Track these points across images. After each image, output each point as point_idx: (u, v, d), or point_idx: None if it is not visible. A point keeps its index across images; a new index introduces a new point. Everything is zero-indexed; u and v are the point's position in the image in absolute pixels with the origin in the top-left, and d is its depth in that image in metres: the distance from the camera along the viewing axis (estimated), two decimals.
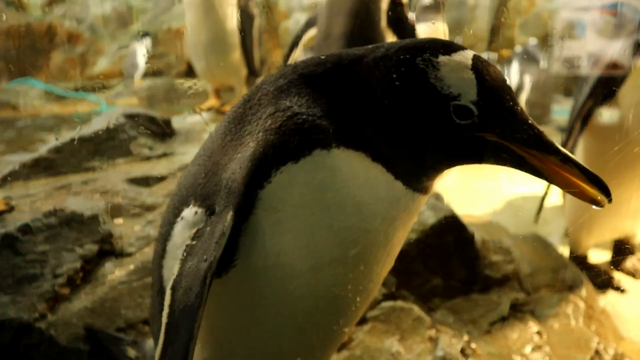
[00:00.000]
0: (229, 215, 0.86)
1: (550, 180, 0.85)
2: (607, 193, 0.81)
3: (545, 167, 0.84)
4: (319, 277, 0.92)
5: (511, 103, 0.85)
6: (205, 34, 3.10)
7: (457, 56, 0.86)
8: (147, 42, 6.06)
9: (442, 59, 0.86)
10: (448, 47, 0.88)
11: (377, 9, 2.78)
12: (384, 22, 2.78)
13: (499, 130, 0.85)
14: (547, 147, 0.84)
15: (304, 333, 1.02)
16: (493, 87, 0.85)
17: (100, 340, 1.62)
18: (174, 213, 1.02)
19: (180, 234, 0.97)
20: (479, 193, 3.68)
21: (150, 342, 1.46)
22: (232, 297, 0.97)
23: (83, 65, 8.18)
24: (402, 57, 0.88)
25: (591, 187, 0.82)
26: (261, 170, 0.87)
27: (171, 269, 0.93)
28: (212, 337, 1.04)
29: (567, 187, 0.84)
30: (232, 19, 3.07)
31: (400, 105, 0.88)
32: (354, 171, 0.89)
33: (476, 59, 0.87)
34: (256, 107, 0.95)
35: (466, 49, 0.89)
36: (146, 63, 5.90)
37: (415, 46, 0.89)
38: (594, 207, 0.82)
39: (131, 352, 1.51)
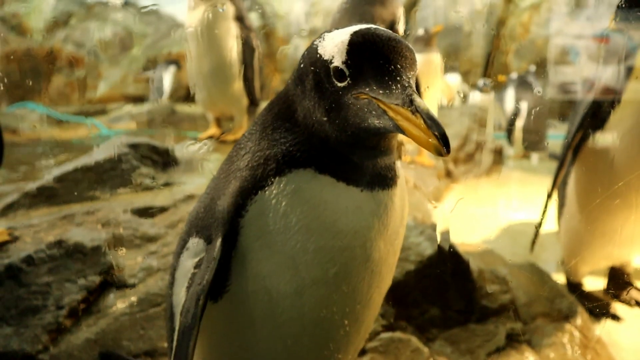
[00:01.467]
0: (218, 242, 0.97)
1: (404, 132, 0.84)
2: (445, 143, 0.79)
3: (398, 118, 0.83)
4: (304, 300, 0.97)
5: (381, 62, 0.86)
6: (208, 64, 3.17)
7: (347, 29, 0.93)
8: (173, 68, 6.58)
9: (331, 33, 0.96)
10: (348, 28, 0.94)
11: None
12: None
13: (367, 89, 0.87)
14: (403, 100, 0.83)
15: (296, 356, 1.05)
16: (363, 48, 0.88)
17: None
18: (181, 244, 1.12)
19: (186, 263, 1.06)
20: (476, 220, 3.71)
21: None
22: (226, 321, 1.03)
23: (83, 89, 8.26)
24: (307, 49, 0.99)
25: (431, 137, 0.80)
26: (239, 201, 0.98)
27: (179, 295, 1.05)
28: (212, 359, 1.10)
29: (416, 139, 0.83)
30: (233, 50, 3.14)
31: (308, 85, 0.96)
32: (311, 190, 0.96)
33: (365, 28, 0.91)
34: (238, 149, 1.08)
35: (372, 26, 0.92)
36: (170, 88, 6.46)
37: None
38: (437, 155, 0.81)
39: None
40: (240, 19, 3.16)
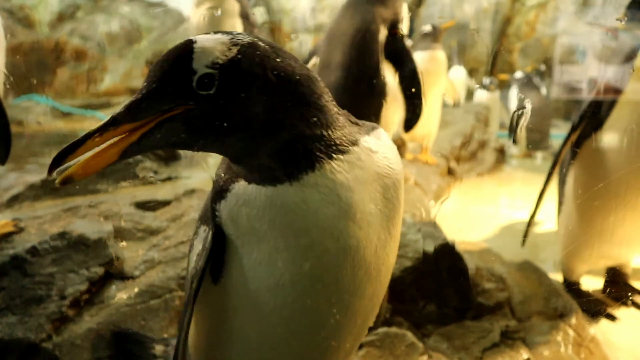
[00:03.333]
0: (210, 235, 1.01)
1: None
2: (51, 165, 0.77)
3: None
4: (286, 291, 0.98)
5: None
6: None
7: None
8: None
9: None
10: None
11: (375, 40, 2.87)
12: (381, 53, 2.87)
13: None
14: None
15: (287, 342, 1.07)
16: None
17: (125, 342, 1.67)
18: (195, 230, 1.18)
19: (196, 247, 1.10)
20: (477, 218, 3.74)
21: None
22: (222, 302, 1.07)
23: (89, 82, 8.30)
24: None
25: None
26: (213, 205, 1.02)
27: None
28: (210, 340, 1.15)
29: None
30: None
31: None
32: (254, 201, 0.95)
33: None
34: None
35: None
36: None
37: None
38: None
39: (158, 349, 1.58)
40: (245, 16, 3.18)
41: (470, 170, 4.93)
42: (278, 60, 0.86)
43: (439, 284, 2.03)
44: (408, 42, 2.91)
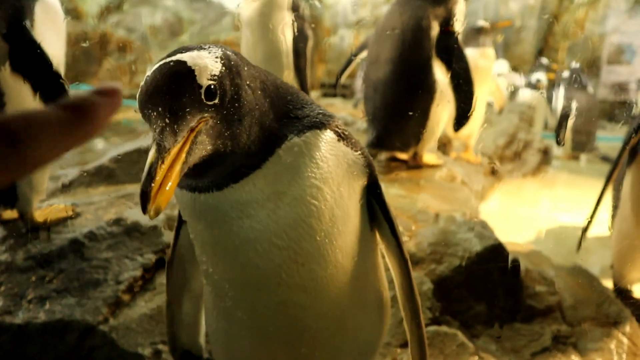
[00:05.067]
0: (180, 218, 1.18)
1: None
2: (142, 200, 0.79)
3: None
4: (227, 263, 1.05)
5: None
6: (261, 52, 3.21)
7: None
8: None
9: None
10: None
11: (426, 37, 2.84)
12: (432, 49, 2.84)
13: None
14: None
15: (256, 322, 1.11)
16: None
17: None
18: None
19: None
20: (520, 220, 3.67)
21: None
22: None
23: (132, 73, 8.48)
24: None
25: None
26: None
27: None
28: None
29: None
30: (287, 39, 3.17)
31: None
32: (183, 206, 1.05)
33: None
34: None
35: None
36: None
37: None
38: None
39: None
40: (295, 8, 3.19)
41: (513, 171, 4.84)
42: (244, 65, 0.96)
43: (489, 285, 2.00)
44: (460, 40, 2.87)
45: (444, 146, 4.10)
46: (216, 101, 0.86)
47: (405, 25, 2.83)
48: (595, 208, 2.32)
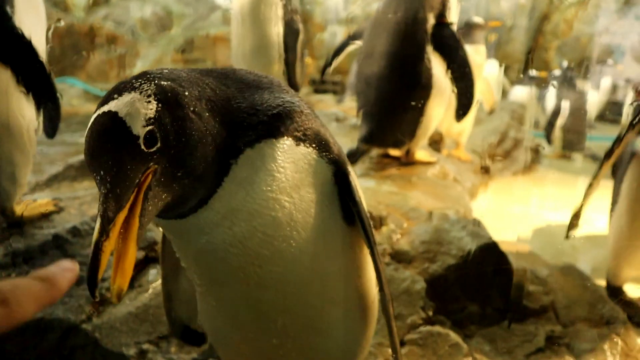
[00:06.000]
0: None
1: None
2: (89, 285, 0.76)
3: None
4: (190, 264, 1.06)
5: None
6: (250, 44, 3.15)
7: None
8: None
9: None
10: None
11: (422, 30, 2.80)
12: (428, 43, 2.79)
13: None
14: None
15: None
16: None
17: None
18: None
19: None
20: (510, 218, 3.65)
21: None
22: None
23: (121, 67, 8.37)
24: None
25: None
26: None
27: None
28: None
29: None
30: (277, 32, 3.12)
31: None
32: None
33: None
34: None
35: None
36: None
37: None
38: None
39: None
40: (286, 1, 3.14)
41: (504, 169, 4.83)
42: (184, 90, 0.86)
43: (482, 284, 1.97)
44: (456, 30, 2.82)
45: (435, 143, 4.07)
46: (159, 145, 0.79)
47: (400, 18, 2.79)
48: (584, 201, 2.28)
